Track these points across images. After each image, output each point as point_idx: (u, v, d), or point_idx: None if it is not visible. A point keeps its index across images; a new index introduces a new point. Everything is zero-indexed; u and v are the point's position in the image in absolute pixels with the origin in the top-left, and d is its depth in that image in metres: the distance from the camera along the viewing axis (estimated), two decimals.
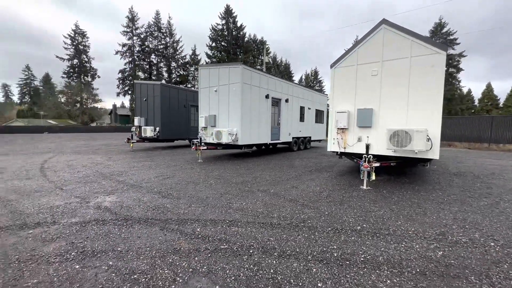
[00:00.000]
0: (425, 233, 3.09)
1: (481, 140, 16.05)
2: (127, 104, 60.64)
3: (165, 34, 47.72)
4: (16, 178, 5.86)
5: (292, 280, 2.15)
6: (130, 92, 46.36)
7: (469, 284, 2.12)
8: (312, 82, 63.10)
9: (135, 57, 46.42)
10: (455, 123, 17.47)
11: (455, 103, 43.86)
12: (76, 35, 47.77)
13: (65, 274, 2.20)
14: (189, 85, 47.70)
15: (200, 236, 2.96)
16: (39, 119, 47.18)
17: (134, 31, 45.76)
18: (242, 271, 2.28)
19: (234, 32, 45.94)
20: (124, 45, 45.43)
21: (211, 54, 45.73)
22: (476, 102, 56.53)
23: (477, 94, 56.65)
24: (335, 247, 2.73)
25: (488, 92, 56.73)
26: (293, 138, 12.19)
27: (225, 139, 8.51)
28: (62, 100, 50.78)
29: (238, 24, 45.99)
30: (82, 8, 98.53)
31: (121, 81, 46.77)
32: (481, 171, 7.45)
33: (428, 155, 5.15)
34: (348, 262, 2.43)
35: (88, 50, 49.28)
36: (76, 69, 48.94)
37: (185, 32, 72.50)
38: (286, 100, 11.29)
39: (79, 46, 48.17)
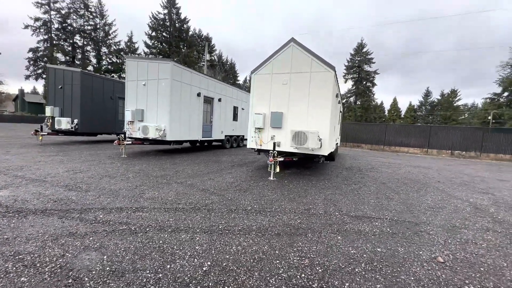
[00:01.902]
0: (296, 209, 4.07)
1: (379, 143, 20.06)
2: (40, 90, 50.69)
3: (94, 14, 41.84)
4: None
5: (175, 246, 2.66)
6: (44, 76, 38.92)
7: (306, 238, 3.05)
8: None
9: (52, 35, 39.17)
10: (363, 128, 21.25)
11: (370, 112, 52.61)
12: None
13: None
14: (123, 75, 43.15)
15: (101, 221, 3.19)
16: None
17: (52, 4, 38.57)
18: (133, 244, 2.67)
19: (177, 24, 43.85)
20: (37, 19, 37.76)
21: (150, 44, 42.52)
22: (386, 112, 69.21)
23: (387, 105, 69.25)
24: (223, 222, 3.38)
25: (394, 105, 70.16)
26: (225, 136, 12.81)
27: (152, 134, 8.46)
28: None
29: (182, 17, 44.09)
30: None
31: (32, 62, 38.75)
32: (365, 166, 9.58)
33: (320, 152, 6.46)
34: (227, 231, 3.10)
35: None
36: None
37: (120, 17, 64.81)
38: (219, 100, 11.82)
39: None
